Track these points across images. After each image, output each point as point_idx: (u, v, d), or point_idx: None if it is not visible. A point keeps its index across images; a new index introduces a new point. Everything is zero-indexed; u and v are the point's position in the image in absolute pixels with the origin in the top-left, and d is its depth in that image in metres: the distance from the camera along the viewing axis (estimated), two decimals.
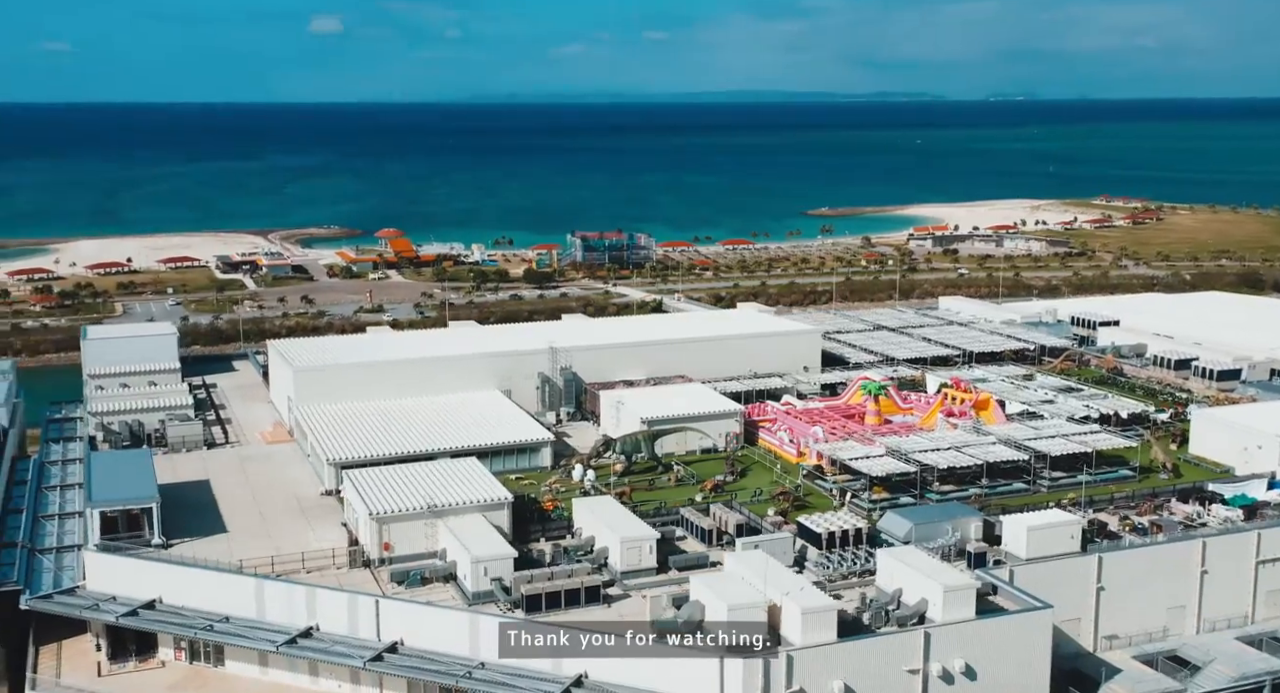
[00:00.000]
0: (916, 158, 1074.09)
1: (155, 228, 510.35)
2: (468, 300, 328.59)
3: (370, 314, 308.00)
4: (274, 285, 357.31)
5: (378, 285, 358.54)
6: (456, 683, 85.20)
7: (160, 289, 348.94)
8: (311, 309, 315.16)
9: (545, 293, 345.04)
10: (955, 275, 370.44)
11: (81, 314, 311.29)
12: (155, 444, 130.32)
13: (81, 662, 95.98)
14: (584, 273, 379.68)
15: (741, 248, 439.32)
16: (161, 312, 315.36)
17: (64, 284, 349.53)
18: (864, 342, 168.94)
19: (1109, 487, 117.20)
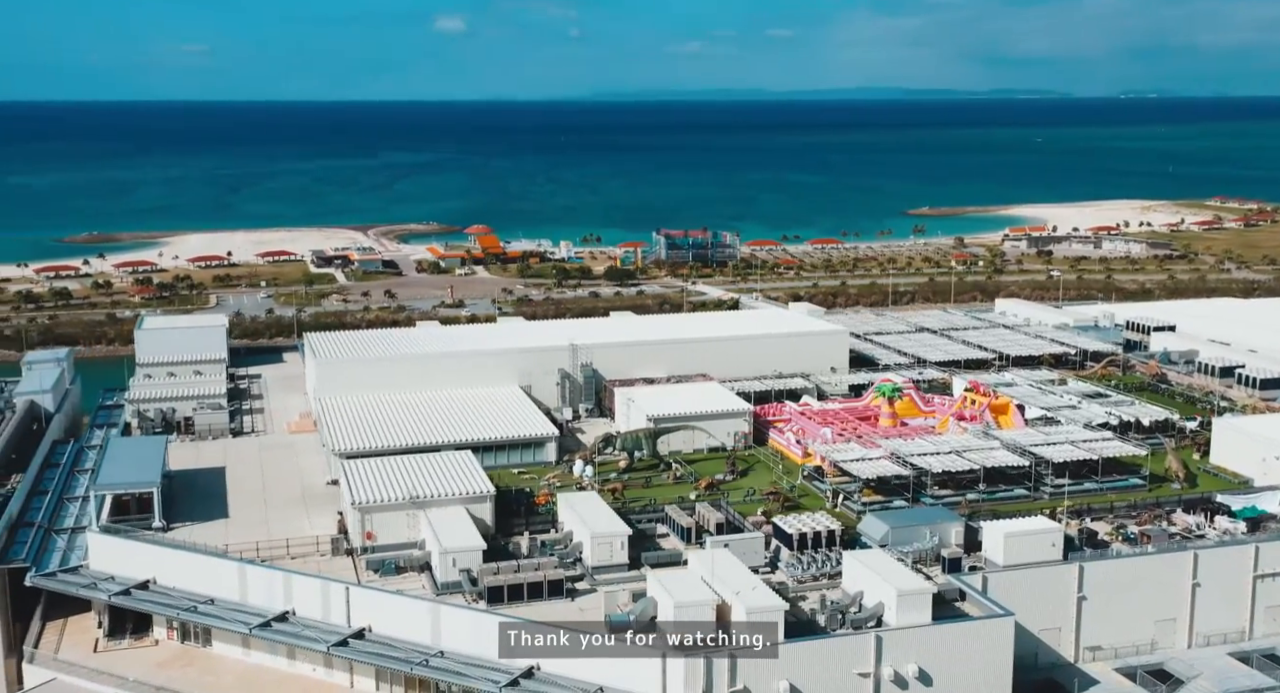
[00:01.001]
0: (1033, 157, 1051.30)
1: (266, 223, 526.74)
2: (545, 297, 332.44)
3: (449, 309, 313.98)
4: (363, 280, 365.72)
5: (462, 281, 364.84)
6: (411, 670, 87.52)
7: (254, 282, 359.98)
8: (393, 304, 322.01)
9: (625, 290, 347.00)
10: (1044, 278, 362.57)
11: (176, 306, 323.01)
12: (185, 432, 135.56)
13: (82, 638, 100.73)
14: (666, 271, 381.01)
15: (829, 247, 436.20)
16: (253, 304, 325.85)
17: (165, 277, 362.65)
18: (900, 343, 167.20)
19: (1115, 495, 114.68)
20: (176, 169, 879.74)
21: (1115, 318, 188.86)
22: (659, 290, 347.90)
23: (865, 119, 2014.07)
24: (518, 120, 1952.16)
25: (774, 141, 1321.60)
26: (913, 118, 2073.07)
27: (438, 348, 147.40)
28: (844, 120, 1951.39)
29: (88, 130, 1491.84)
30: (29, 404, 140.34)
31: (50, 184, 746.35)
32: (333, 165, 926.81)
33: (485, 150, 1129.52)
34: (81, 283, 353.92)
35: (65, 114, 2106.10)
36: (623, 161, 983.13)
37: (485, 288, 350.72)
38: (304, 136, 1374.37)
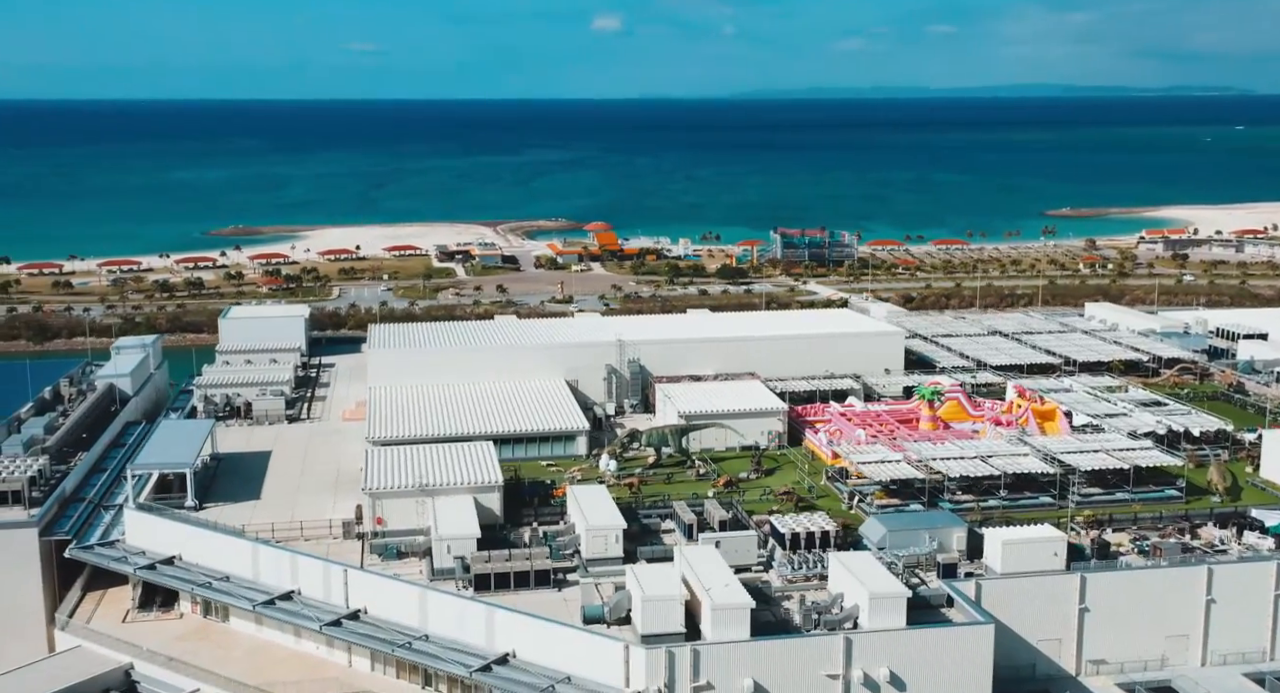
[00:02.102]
0: (1198, 157, 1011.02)
1: (403, 218, 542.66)
2: (653, 294, 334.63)
3: (558, 304, 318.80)
4: (481, 275, 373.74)
5: (577, 277, 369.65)
6: (393, 651, 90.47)
7: (376, 275, 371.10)
8: (503, 298, 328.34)
9: (734, 288, 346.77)
10: (1174, 282, 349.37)
11: (300, 296, 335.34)
12: (244, 416, 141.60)
13: (116, 609, 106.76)
14: (781, 270, 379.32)
15: (954, 248, 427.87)
16: (372, 296, 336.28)
17: (294, 269, 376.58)
18: (966, 346, 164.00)
19: (1148, 506, 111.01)
20: (328, 166, 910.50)
21: (1209, 324, 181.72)
22: (769, 289, 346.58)
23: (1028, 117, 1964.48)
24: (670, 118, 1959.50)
25: (927, 140, 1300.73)
26: (1079, 116, 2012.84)
27: (485, 342, 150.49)
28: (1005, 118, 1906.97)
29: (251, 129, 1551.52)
30: (108, 387, 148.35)
31: (210, 180, 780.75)
32: (477, 162, 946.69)
33: (629, 148, 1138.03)
34: (216, 274, 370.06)
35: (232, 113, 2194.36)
36: (765, 160, 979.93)
37: (597, 284, 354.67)
38: (454, 134, 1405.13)
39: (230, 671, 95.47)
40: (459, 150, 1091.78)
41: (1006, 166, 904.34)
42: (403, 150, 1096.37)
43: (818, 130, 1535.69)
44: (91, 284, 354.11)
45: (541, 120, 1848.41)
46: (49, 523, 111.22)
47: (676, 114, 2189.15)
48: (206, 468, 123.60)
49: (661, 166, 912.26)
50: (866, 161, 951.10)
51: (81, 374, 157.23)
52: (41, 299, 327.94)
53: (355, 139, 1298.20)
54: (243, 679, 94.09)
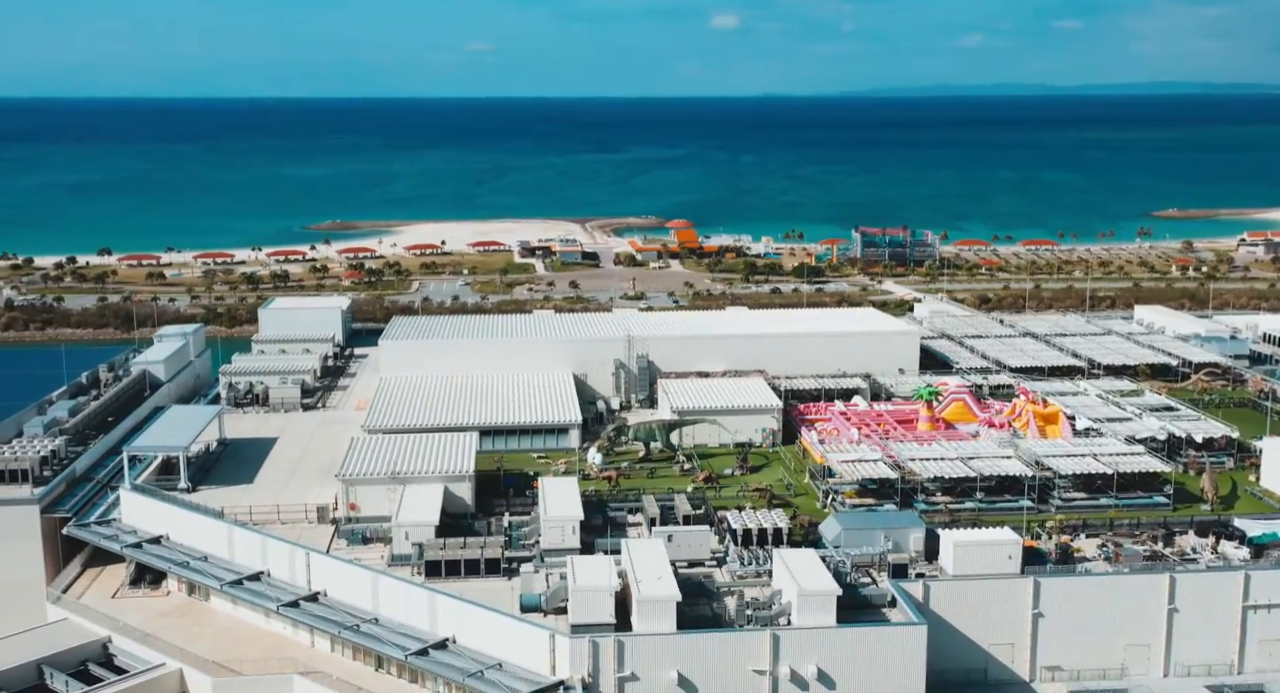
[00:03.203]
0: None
1: (497, 214, 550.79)
2: (723, 291, 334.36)
3: (629, 300, 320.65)
4: (560, 270, 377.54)
5: (653, 274, 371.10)
6: (339, 633, 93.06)
7: (457, 270, 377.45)
8: (575, 293, 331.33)
9: (807, 287, 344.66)
10: (1267, 286, 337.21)
11: (380, 289, 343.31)
12: (262, 403, 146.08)
13: (109, 585, 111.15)
14: (860, 269, 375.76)
15: (1042, 249, 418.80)
16: (450, 290, 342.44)
17: (379, 263, 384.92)
18: (989, 347, 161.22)
19: (1129, 512, 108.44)
20: (435, 163, 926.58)
21: (1259, 329, 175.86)
22: (844, 288, 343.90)
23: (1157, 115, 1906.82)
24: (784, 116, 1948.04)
25: (1040, 138, 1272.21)
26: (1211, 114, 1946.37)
27: (494, 335, 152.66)
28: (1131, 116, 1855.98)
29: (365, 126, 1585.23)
30: (141, 373, 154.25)
31: (317, 175, 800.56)
32: (580, 160, 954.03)
33: (736, 146, 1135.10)
34: (303, 267, 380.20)
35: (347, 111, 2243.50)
36: (871, 158, 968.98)
37: (672, 281, 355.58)
38: (561, 132, 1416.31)
39: (198, 647, 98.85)
40: (564, 148, 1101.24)
41: (1119, 165, 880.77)
42: (509, 147, 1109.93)
43: (932, 128, 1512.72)
44: (184, 276, 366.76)
45: (653, 118, 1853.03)
46: (53, 501, 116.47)
47: (790, 112, 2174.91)
48: (210, 452, 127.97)
49: (765, 165, 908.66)
50: (974, 160, 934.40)
51: (125, 361, 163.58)
52: (134, 289, 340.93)
53: (465, 136, 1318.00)
54: (208, 656, 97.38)
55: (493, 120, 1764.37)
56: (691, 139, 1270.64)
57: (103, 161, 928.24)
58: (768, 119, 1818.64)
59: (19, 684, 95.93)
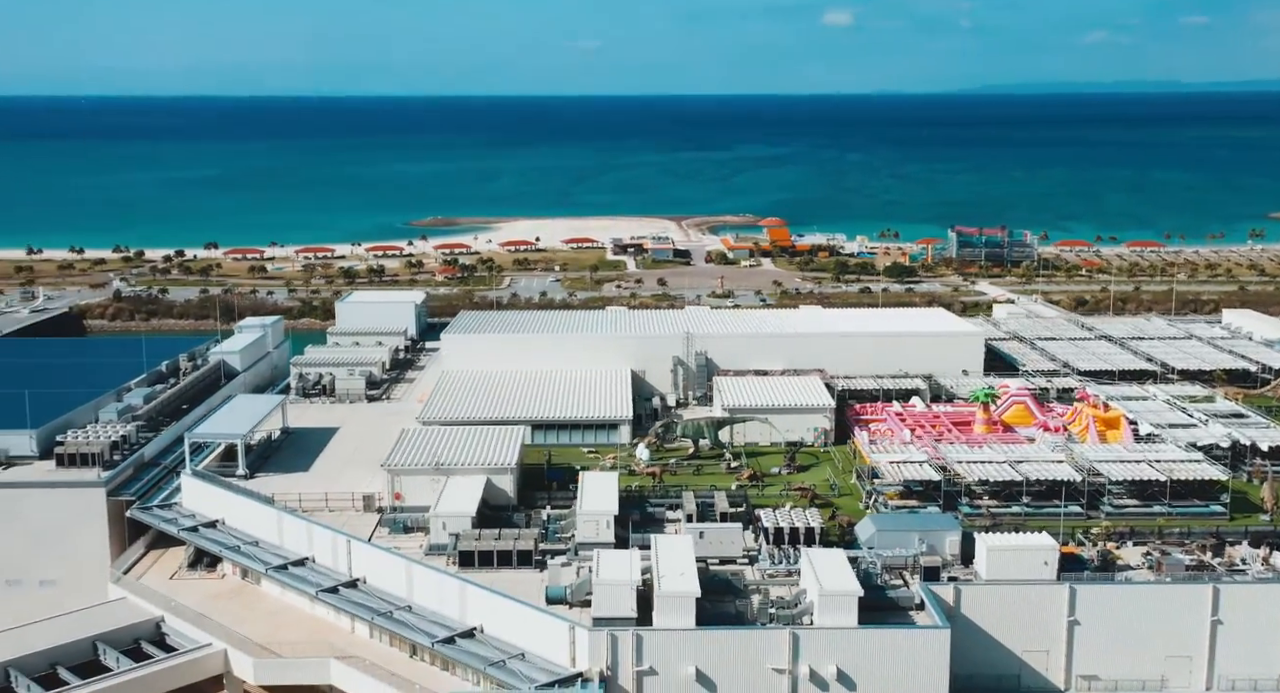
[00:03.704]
0: None
1: (595, 211, 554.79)
2: (810, 290, 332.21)
3: (716, 299, 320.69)
4: (650, 268, 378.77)
5: (743, 272, 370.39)
6: (372, 619, 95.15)
7: (549, 266, 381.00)
8: (662, 291, 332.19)
9: (897, 287, 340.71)
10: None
11: (471, 285, 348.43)
12: (328, 394, 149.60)
13: (169, 567, 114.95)
14: (955, 269, 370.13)
15: (1147, 250, 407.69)
16: (540, 286, 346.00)
17: (473, 259, 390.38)
18: (1060, 349, 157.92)
19: (1180, 520, 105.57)
20: (539, 160, 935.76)
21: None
22: (936, 288, 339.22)
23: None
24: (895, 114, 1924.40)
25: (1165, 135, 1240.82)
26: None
27: (555, 331, 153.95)
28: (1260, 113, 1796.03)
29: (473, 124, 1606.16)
30: (218, 362, 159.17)
31: (424, 172, 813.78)
32: (682, 158, 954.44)
33: (844, 144, 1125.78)
34: (400, 262, 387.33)
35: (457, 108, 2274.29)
36: (980, 157, 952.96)
37: (761, 280, 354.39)
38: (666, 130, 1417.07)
39: (245, 629, 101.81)
40: (667, 146, 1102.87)
41: (1240, 165, 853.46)
42: (614, 145, 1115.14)
43: (1048, 126, 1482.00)
44: (286, 269, 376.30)
45: (761, 116, 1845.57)
46: (120, 485, 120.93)
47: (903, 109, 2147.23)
48: (272, 441, 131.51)
49: (871, 163, 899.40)
50: (1087, 158, 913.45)
51: (204, 351, 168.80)
52: (236, 282, 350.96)
53: (569, 134, 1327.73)
54: (253, 637, 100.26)
55: (598, 118, 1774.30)
56: (799, 137, 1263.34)
57: (225, 158, 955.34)
58: (879, 117, 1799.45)
59: (74, 659, 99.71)
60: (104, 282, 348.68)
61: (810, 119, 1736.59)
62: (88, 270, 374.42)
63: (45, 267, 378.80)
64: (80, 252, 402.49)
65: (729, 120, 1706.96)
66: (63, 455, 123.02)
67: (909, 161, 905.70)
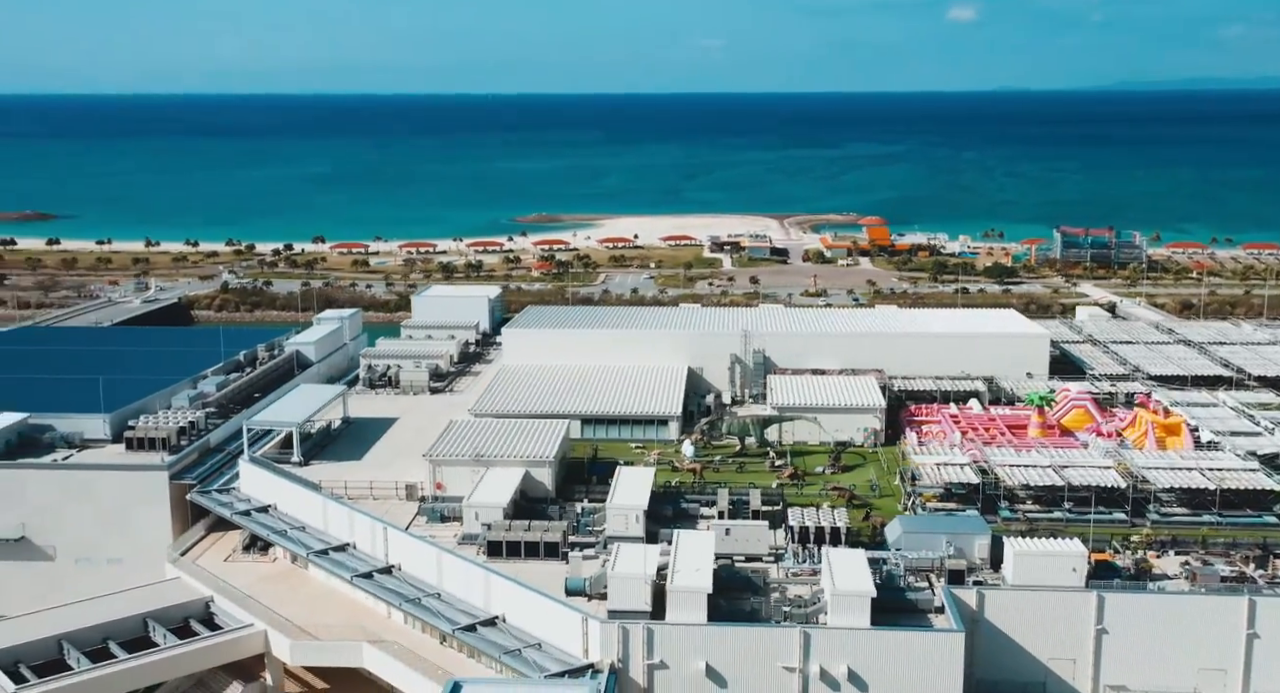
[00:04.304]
0: None
1: (699, 209, 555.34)
2: (905, 289, 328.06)
3: (808, 298, 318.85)
4: (745, 266, 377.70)
5: (839, 271, 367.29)
6: (401, 605, 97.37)
7: (644, 263, 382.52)
8: (754, 289, 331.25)
9: (993, 287, 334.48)
10: None
11: (565, 281, 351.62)
12: (394, 386, 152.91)
13: (225, 550, 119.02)
14: (1058, 270, 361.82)
15: (1266, 253, 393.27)
16: (632, 283, 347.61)
17: (570, 255, 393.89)
18: (1134, 353, 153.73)
19: (1227, 531, 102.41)
20: (649, 158, 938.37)
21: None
22: (1036, 290, 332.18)
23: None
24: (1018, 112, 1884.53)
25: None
26: None
27: (613, 326, 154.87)
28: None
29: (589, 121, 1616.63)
30: (293, 353, 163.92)
31: (533, 169, 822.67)
32: (792, 155, 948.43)
33: (959, 142, 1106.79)
34: (498, 258, 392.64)
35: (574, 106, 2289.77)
36: (1100, 155, 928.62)
37: (856, 279, 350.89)
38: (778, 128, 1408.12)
39: (287, 611, 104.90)
40: (779, 144, 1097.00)
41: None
42: (724, 143, 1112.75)
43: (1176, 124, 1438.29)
44: (387, 264, 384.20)
45: (879, 114, 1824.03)
46: (183, 469, 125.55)
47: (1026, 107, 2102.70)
48: (332, 430, 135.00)
49: (985, 162, 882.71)
50: (1214, 158, 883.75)
51: (283, 341, 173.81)
52: (338, 275, 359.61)
53: (682, 132, 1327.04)
54: (293, 620, 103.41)
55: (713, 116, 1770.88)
56: (914, 134, 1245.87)
57: (338, 154, 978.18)
58: (1000, 115, 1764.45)
59: (125, 635, 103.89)
60: (213, 274, 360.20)
61: (927, 116, 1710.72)
62: (200, 263, 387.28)
63: (160, 259, 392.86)
64: (195, 245, 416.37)
65: (844, 117, 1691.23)
66: (132, 439, 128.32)
67: (1024, 160, 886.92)
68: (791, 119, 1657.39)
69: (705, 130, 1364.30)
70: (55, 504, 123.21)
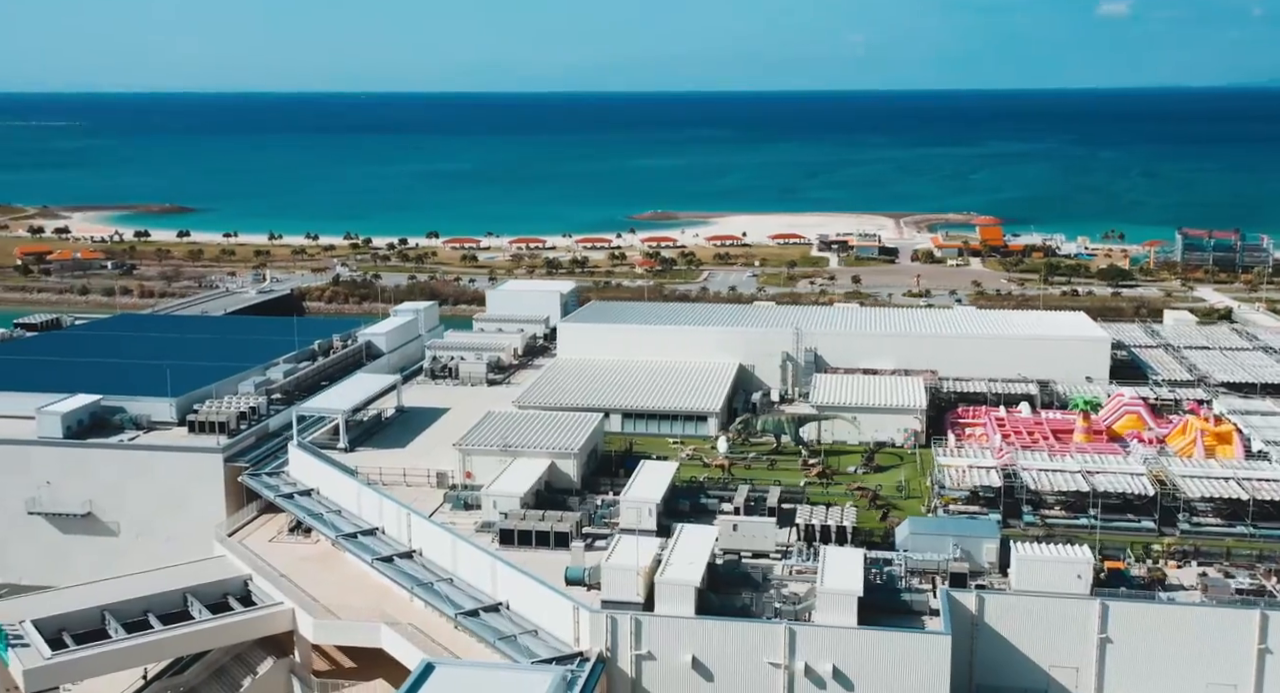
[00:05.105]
0: None
1: (819, 207, 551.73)
2: (1008, 292, 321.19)
3: (909, 298, 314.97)
4: (853, 265, 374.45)
5: (948, 271, 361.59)
6: (412, 588, 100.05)
7: (749, 261, 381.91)
8: (853, 288, 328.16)
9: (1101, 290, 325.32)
10: None
11: (667, 278, 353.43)
12: (454, 377, 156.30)
13: (272, 531, 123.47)
14: (1179, 273, 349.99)
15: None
16: (731, 280, 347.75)
17: (675, 253, 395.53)
18: (1206, 359, 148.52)
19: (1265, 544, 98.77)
20: (775, 155, 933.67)
21: None
22: (1149, 293, 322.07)
23: None
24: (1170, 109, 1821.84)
25: None
26: None
27: (665, 322, 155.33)
28: None
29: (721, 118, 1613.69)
30: (365, 343, 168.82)
31: (660, 167, 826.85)
32: (923, 153, 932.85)
33: (1100, 141, 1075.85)
34: (604, 254, 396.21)
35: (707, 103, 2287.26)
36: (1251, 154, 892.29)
37: (962, 279, 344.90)
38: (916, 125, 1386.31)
39: (317, 591, 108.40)
40: (912, 141, 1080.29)
41: None
42: (858, 141, 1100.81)
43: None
44: (496, 259, 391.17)
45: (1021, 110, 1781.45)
46: (238, 452, 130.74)
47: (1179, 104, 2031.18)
48: (384, 418, 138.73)
49: (1122, 160, 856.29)
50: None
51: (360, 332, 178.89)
52: (446, 270, 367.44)
53: (815, 130, 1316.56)
54: (320, 599, 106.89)
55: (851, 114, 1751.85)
56: (1055, 132, 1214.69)
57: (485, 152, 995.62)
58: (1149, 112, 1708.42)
59: (165, 609, 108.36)
60: (327, 266, 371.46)
61: (1072, 114, 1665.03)
62: (317, 255, 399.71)
63: (281, 251, 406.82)
64: (315, 238, 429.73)
65: (988, 115, 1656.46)
66: (194, 423, 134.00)
67: (1166, 159, 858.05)
68: (932, 116, 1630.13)
69: (840, 128, 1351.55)
70: (119, 482, 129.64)
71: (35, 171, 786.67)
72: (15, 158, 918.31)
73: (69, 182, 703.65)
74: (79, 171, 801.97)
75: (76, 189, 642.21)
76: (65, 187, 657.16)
